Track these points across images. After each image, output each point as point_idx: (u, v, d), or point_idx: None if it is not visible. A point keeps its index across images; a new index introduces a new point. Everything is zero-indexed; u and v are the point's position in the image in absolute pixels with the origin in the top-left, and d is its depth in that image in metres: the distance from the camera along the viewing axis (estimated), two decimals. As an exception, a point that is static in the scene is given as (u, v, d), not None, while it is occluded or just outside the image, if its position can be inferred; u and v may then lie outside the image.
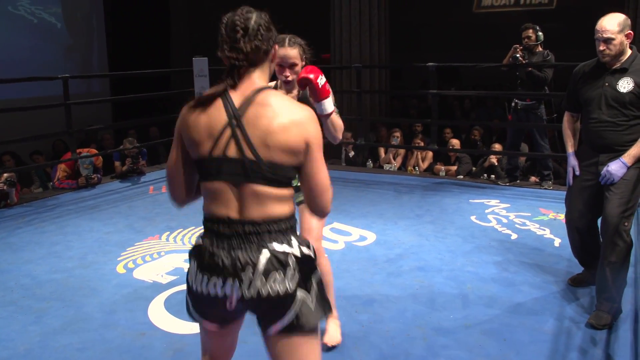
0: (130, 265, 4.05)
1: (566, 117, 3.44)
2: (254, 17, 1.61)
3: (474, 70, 7.40)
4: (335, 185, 6.51)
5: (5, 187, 5.49)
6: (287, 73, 2.58)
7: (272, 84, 2.67)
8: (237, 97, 1.61)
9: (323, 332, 2.85)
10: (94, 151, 6.68)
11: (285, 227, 1.63)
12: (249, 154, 1.57)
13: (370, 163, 7.52)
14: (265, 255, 1.57)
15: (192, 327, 3.00)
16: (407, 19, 11.04)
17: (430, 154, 7.23)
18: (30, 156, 7.74)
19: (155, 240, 4.55)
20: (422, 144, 7.29)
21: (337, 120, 2.57)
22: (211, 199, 1.64)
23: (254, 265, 1.57)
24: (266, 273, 1.56)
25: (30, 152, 7.80)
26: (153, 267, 3.99)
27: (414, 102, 10.38)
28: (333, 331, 2.90)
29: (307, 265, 1.64)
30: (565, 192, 3.43)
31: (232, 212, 1.61)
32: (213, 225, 1.63)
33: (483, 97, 9.97)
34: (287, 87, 2.67)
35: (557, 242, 4.36)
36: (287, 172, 1.61)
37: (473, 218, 4.99)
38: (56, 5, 10.16)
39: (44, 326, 3.16)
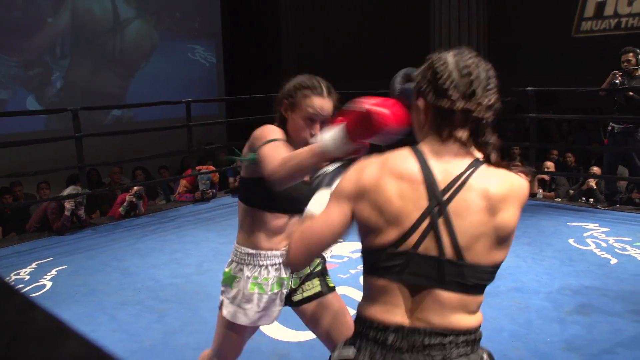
0: (241, 273, 4.16)
1: None
2: (483, 65, 1.23)
3: (572, 93, 7.05)
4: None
5: (134, 200, 5.86)
6: (317, 131, 1.77)
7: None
8: (441, 170, 1.16)
9: None
10: (212, 168, 6.96)
11: (475, 339, 1.19)
12: (449, 253, 1.13)
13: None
14: None
15: (297, 336, 3.03)
16: (506, 42, 10.69)
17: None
18: (158, 170, 8.20)
19: (264, 251, 4.64)
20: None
21: None
22: (378, 298, 1.19)
23: None
24: None
25: (159, 166, 8.28)
26: (261, 276, 4.07)
27: (512, 125, 10.01)
28: None
29: None
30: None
31: (405, 318, 1.17)
32: (377, 333, 1.17)
33: (582, 120, 9.45)
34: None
35: (661, 269, 4.03)
36: (490, 276, 1.18)
37: (571, 241, 4.71)
38: (220, 51, 12.24)
39: (165, 325, 3.32)
